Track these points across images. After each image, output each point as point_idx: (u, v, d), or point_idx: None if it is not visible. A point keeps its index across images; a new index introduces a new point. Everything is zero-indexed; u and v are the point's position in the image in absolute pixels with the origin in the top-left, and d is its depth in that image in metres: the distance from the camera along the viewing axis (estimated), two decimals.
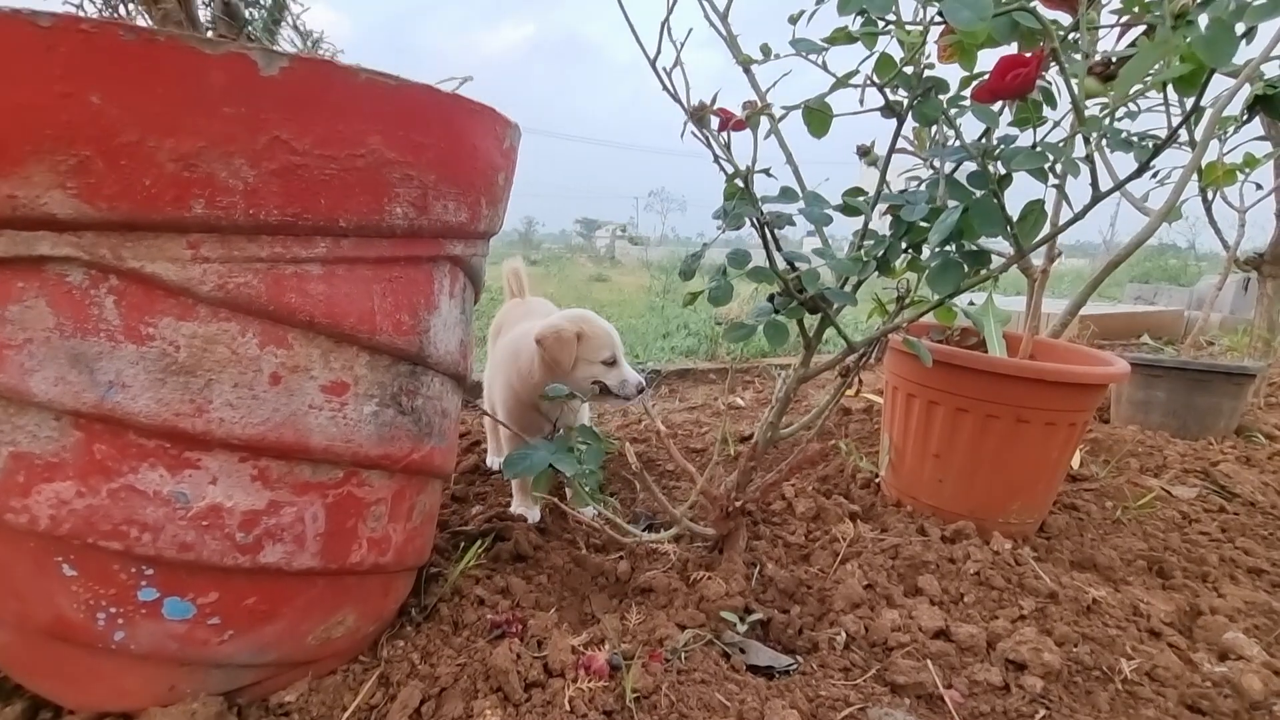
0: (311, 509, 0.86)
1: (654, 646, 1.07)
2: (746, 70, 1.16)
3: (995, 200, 0.99)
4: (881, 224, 1.21)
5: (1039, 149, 0.91)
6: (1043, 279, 1.63)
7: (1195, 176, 2.74)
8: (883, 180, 1.06)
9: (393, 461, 0.93)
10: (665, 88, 0.90)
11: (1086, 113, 0.89)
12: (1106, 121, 0.92)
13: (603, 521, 1.38)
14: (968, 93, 1.08)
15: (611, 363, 1.48)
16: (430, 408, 0.99)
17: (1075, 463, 2.02)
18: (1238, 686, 1.05)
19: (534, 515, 1.57)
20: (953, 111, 1.07)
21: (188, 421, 0.73)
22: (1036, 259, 1.99)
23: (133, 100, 0.63)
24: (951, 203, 1.06)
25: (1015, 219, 1.02)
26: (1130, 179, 0.93)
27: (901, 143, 1.92)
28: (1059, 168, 1.02)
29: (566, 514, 1.62)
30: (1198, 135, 2.36)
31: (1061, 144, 0.92)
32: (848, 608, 1.23)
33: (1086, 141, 0.91)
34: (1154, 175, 2.63)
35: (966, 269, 1.09)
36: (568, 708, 0.91)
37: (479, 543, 1.31)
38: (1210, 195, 2.82)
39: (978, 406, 1.47)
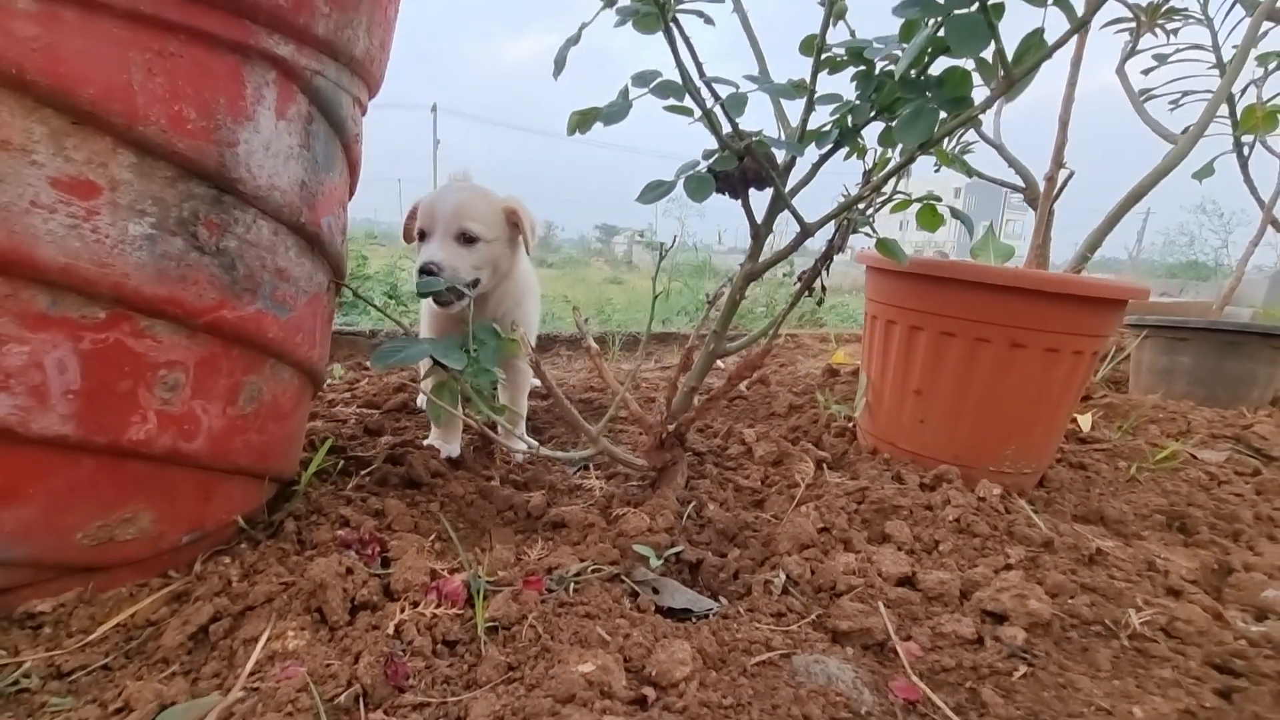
0: (56, 353, 0.66)
1: (540, 576, 0.86)
2: None
3: (981, 15, 0.77)
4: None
5: None
6: (1047, 192, 1.39)
7: (1229, 122, 2.48)
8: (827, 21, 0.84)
9: (188, 311, 0.73)
10: None
11: None
12: None
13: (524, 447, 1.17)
14: None
15: (424, 238, 1.18)
16: (253, 257, 0.78)
17: (1086, 424, 1.77)
18: None
19: (450, 450, 1.36)
20: None
21: None
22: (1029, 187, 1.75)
23: None
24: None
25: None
26: None
27: None
28: None
29: (494, 454, 1.42)
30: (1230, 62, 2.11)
31: None
32: (794, 549, 1.01)
33: None
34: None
35: (944, 116, 0.87)
36: (392, 632, 0.70)
37: (329, 442, 1.10)
38: (1248, 150, 2.56)
39: (966, 329, 1.24)
